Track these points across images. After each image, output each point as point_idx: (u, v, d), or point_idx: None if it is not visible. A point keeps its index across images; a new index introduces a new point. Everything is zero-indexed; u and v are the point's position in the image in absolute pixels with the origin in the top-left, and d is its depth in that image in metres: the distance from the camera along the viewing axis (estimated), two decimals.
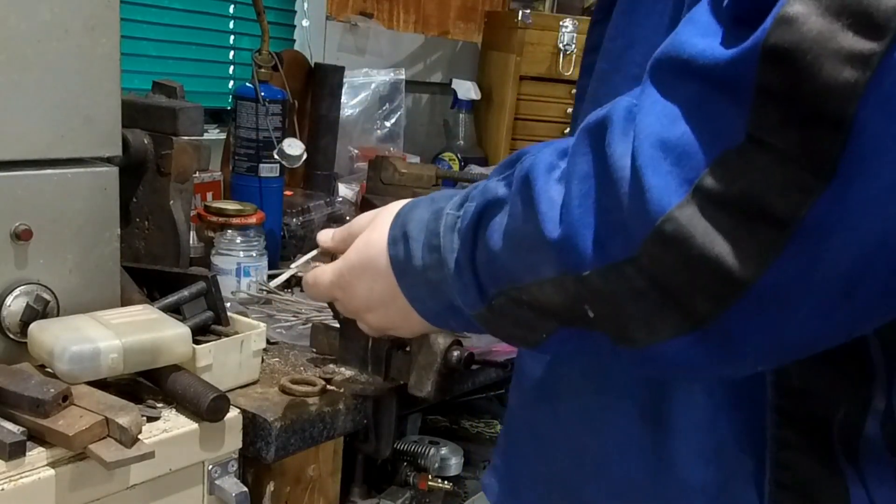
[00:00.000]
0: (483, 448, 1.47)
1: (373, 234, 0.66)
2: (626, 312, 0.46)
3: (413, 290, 0.62)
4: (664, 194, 0.41)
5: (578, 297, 0.48)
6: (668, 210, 0.41)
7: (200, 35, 1.70)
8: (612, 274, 0.45)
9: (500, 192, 0.55)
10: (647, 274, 0.43)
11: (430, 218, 0.60)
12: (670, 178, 0.41)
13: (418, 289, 0.61)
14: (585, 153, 0.47)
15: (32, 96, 0.82)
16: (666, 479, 0.59)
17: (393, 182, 1.57)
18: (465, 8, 2.29)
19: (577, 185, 0.47)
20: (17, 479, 0.70)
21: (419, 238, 0.60)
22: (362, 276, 0.67)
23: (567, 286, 0.48)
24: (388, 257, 0.63)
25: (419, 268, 0.60)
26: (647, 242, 0.42)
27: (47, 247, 0.85)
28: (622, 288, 0.45)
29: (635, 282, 0.44)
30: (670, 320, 0.44)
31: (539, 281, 0.50)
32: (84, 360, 0.77)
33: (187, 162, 1.06)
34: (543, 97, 2.00)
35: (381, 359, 0.93)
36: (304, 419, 0.90)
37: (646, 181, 0.42)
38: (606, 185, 0.45)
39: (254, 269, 1.24)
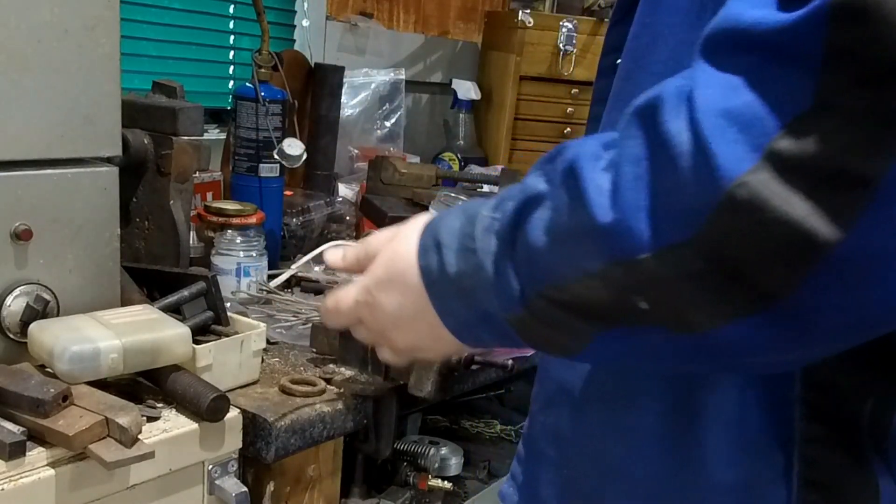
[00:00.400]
0: (483, 448, 1.47)
1: (400, 247, 0.64)
2: (684, 296, 0.44)
3: (445, 302, 0.59)
4: (733, 161, 0.40)
5: (628, 289, 0.47)
6: (740, 175, 0.40)
7: (200, 35, 1.70)
8: (672, 255, 0.44)
9: (540, 188, 0.53)
10: (712, 250, 0.42)
11: (464, 223, 0.58)
12: (738, 146, 0.40)
13: (450, 300, 0.59)
14: (636, 136, 0.46)
15: (32, 96, 0.82)
16: (692, 478, 0.58)
17: (393, 182, 1.57)
18: (465, 8, 2.29)
19: (629, 168, 0.46)
20: (17, 479, 0.70)
21: (452, 245, 0.58)
22: (390, 291, 0.64)
23: (616, 278, 0.47)
24: (418, 269, 0.60)
25: (453, 275, 0.58)
26: (714, 214, 0.41)
27: (47, 247, 0.85)
28: (682, 269, 0.43)
29: (697, 261, 0.43)
30: (736, 299, 0.43)
31: (584, 276, 0.49)
32: (84, 360, 0.77)
33: (187, 162, 1.06)
34: (543, 97, 2.00)
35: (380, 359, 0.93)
36: (304, 419, 0.90)
37: (712, 150, 0.40)
38: (663, 163, 0.44)
39: (254, 269, 1.24)
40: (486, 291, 0.55)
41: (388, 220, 1.45)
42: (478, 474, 1.41)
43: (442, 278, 0.59)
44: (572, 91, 1.99)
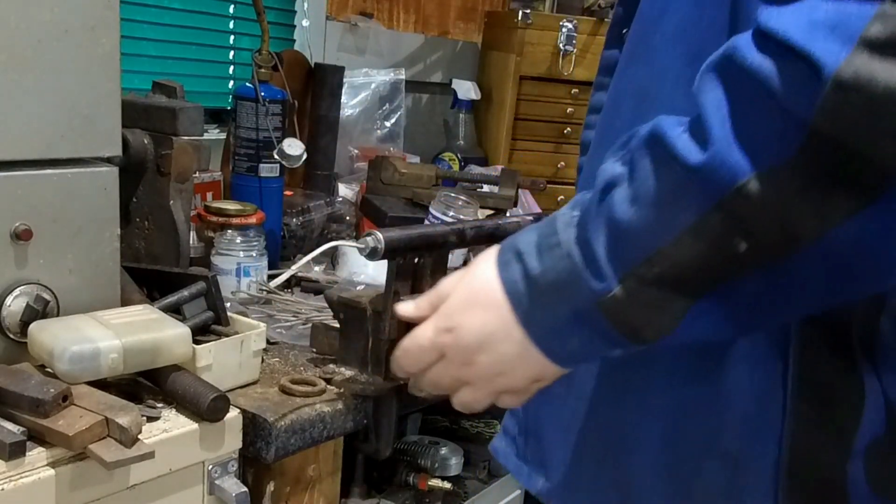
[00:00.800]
0: (483, 448, 1.47)
1: (476, 273, 0.63)
2: (791, 209, 0.47)
3: (530, 312, 0.59)
4: (831, 54, 0.43)
5: (726, 233, 0.49)
6: (840, 62, 0.42)
7: (200, 35, 1.69)
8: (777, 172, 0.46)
9: (617, 170, 0.55)
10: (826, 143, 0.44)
11: (542, 229, 0.59)
12: (830, 42, 0.43)
13: (536, 308, 0.58)
14: (713, 87, 0.49)
15: (32, 96, 0.82)
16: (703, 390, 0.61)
17: (393, 182, 1.57)
18: (465, 8, 2.29)
19: (713, 114, 0.48)
20: (17, 479, 0.70)
21: (532, 251, 0.59)
22: (473, 311, 0.62)
23: (712, 226, 0.49)
24: (500, 283, 0.60)
25: (537, 276, 0.58)
26: (822, 105, 0.43)
27: (47, 247, 0.85)
28: (787, 183, 0.46)
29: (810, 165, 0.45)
30: (853, 189, 0.45)
31: (679, 236, 0.50)
32: (84, 360, 0.77)
33: (187, 162, 1.06)
34: (543, 97, 2.00)
35: (381, 359, 0.93)
36: (304, 419, 0.90)
37: (808, 51, 0.43)
38: (750, 92, 0.47)
39: (254, 269, 1.24)
40: (574, 282, 0.55)
41: (388, 220, 1.45)
42: (478, 474, 1.41)
43: (526, 284, 0.58)
44: (572, 91, 1.99)
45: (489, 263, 0.62)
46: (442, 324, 0.64)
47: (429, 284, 0.95)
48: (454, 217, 1.38)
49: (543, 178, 1.69)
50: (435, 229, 0.94)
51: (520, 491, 1.52)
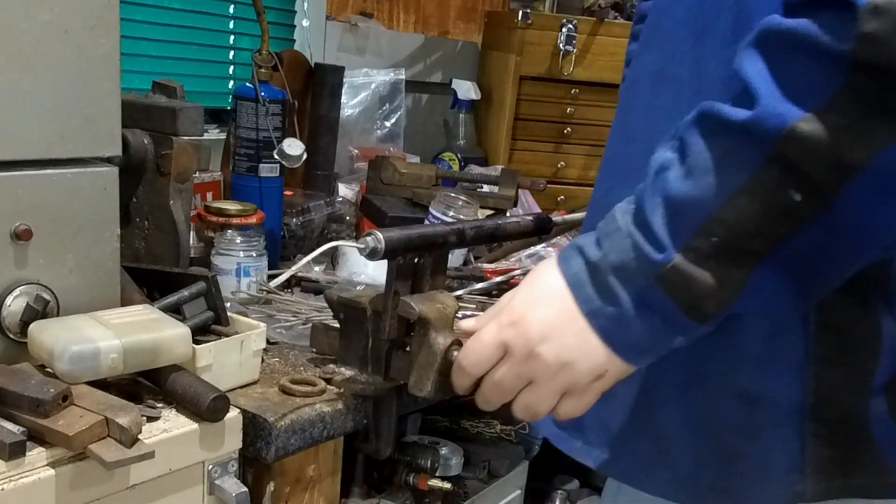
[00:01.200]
0: (483, 448, 1.47)
1: (535, 275, 0.65)
2: (840, 140, 0.50)
3: (592, 298, 0.60)
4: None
5: (780, 184, 0.51)
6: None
7: (200, 35, 1.69)
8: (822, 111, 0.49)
9: (668, 155, 0.57)
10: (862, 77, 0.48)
11: (601, 225, 0.61)
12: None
13: (597, 292, 0.59)
14: (752, 58, 0.53)
15: (32, 96, 0.82)
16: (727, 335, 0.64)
17: (393, 182, 1.57)
18: (465, 8, 2.29)
19: (756, 77, 0.52)
20: (17, 479, 0.70)
21: (591, 242, 0.61)
22: (536, 304, 0.63)
23: (765, 180, 0.52)
24: (560, 275, 0.62)
25: (597, 260, 0.59)
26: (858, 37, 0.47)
27: (47, 247, 0.85)
28: (835, 117, 0.49)
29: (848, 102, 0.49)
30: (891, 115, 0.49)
31: (732, 198, 0.52)
32: (84, 360, 0.77)
33: (187, 162, 1.06)
34: (543, 97, 2.00)
35: (380, 359, 0.93)
36: (304, 419, 0.90)
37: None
38: (789, 47, 0.51)
39: (254, 269, 1.24)
40: (634, 259, 0.57)
41: (388, 220, 1.45)
42: (478, 474, 1.41)
43: (588, 272, 0.60)
44: (572, 91, 1.99)
45: (549, 264, 0.64)
46: (505, 319, 0.65)
47: (429, 284, 0.95)
48: (454, 217, 1.38)
49: (543, 178, 1.69)
50: (435, 229, 0.94)
51: (519, 491, 1.52)
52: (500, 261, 1.54)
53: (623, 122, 0.77)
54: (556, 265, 0.63)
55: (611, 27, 1.97)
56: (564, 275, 0.62)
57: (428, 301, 0.91)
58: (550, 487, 1.72)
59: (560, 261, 0.63)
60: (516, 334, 0.64)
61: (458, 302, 1.04)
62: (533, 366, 0.63)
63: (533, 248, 1.56)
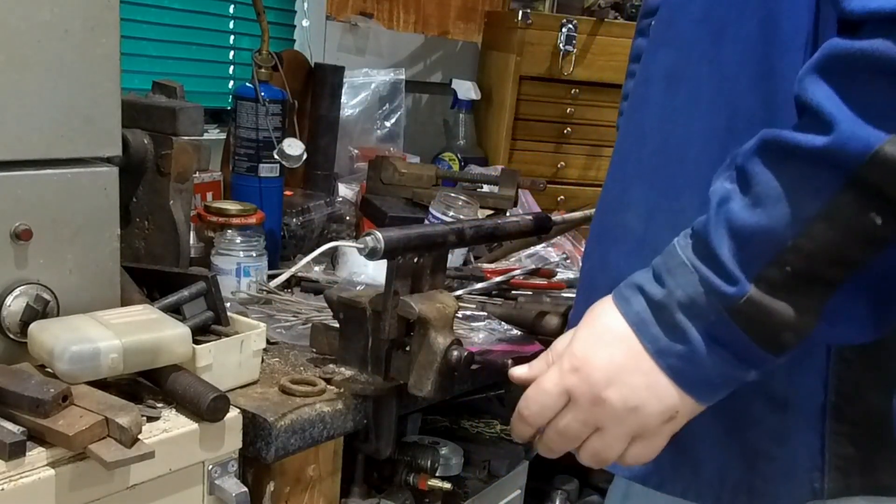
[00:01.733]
0: (483, 448, 1.47)
1: (592, 317, 0.63)
2: None
3: (659, 338, 0.58)
4: None
5: (861, 209, 0.50)
6: None
7: (200, 35, 1.69)
8: None
9: (727, 187, 0.56)
10: None
11: (657, 262, 0.60)
12: None
13: (664, 331, 0.58)
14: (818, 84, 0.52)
15: (32, 96, 0.82)
16: None
17: (393, 182, 1.57)
18: (465, 8, 2.29)
19: (828, 102, 0.51)
20: (17, 479, 0.70)
21: (651, 280, 0.59)
22: (597, 347, 0.61)
23: (844, 205, 0.50)
24: (622, 317, 0.60)
25: (661, 299, 0.58)
26: None
27: (47, 247, 0.85)
28: None
29: None
30: None
31: (808, 225, 0.51)
32: (84, 360, 0.77)
33: (187, 162, 1.06)
34: (543, 97, 2.00)
35: (380, 359, 0.93)
36: (304, 419, 0.90)
37: None
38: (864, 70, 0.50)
39: (254, 269, 1.24)
40: (703, 294, 0.55)
41: (388, 220, 1.45)
42: (478, 474, 1.41)
43: (652, 311, 0.58)
44: (572, 91, 1.99)
45: (606, 305, 0.62)
46: (566, 365, 0.63)
47: (428, 284, 0.95)
48: (454, 217, 1.38)
49: (543, 178, 1.69)
50: (434, 229, 0.94)
51: (520, 491, 1.52)
52: (500, 261, 1.54)
53: (634, 121, 0.75)
54: (613, 306, 0.61)
55: (611, 27, 1.97)
56: (625, 315, 0.60)
57: (428, 301, 0.91)
58: (550, 487, 1.72)
59: (618, 301, 0.61)
60: (580, 380, 0.61)
61: (458, 302, 1.04)
62: (600, 412, 0.61)
63: (533, 247, 1.56)
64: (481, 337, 1.16)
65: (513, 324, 1.22)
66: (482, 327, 1.20)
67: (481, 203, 1.49)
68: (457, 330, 0.96)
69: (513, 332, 1.21)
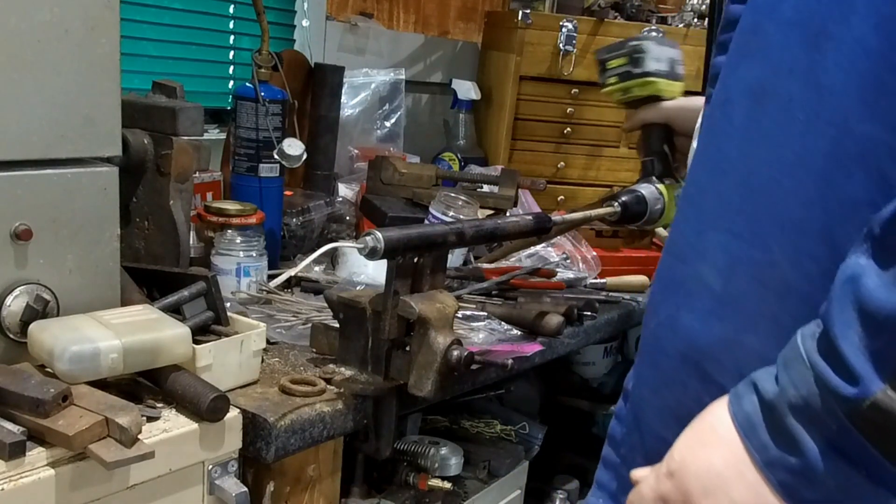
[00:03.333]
0: (483, 448, 1.47)
1: (704, 412, 0.56)
2: None
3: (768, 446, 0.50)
4: None
5: None
6: None
7: (200, 35, 1.69)
8: None
9: (861, 262, 0.47)
10: None
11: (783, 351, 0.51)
12: None
13: (773, 437, 0.49)
14: None
15: (32, 96, 0.82)
16: None
17: (393, 182, 1.57)
18: (465, 8, 2.29)
19: None
20: (17, 479, 0.70)
21: (767, 375, 0.51)
22: (697, 450, 0.54)
23: None
24: (730, 417, 0.52)
25: (773, 398, 0.49)
26: None
27: (47, 247, 0.85)
28: None
29: None
30: None
31: None
32: (84, 360, 0.77)
33: (187, 162, 1.06)
34: (543, 97, 2.00)
35: (381, 359, 0.93)
36: (304, 419, 0.90)
37: None
38: None
39: (254, 269, 1.24)
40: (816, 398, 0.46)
41: (388, 220, 1.45)
42: (478, 474, 1.41)
43: (763, 413, 0.50)
44: (572, 91, 1.99)
45: (720, 402, 0.55)
46: (664, 468, 0.57)
47: (428, 284, 0.95)
48: (454, 217, 1.38)
49: (543, 178, 1.69)
50: (434, 229, 0.94)
51: (519, 491, 1.52)
52: (500, 261, 1.54)
53: (711, 150, 0.64)
54: (725, 402, 0.53)
55: (611, 27, 1.97)
56: (734, 415, 0.52)
57: (428, 301, 0.91)
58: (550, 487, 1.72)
59: (731, 397, 0.53)
60: (674, 487, 0.55)
61: (458, 302, 1.04)
62: None
63: (533, 248, 1.56)
64: (481, 337, 1.17)
65: (513, 324, 1.22)
66: (482, 327, 1.20)
67: (481, 203, 1.49)
68: (457, 330, 0.96)
69: (513, 332, 1.21)
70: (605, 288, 1.56)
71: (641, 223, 1.25)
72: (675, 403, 0.64)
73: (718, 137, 0.63)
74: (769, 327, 0.57)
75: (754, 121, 0.59)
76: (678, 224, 0.67)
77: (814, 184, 0.55)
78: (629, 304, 1.51)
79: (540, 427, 1.62)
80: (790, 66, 0.56)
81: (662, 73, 1.29)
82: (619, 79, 1.31)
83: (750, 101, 0.60)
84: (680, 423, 0.57)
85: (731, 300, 0.59)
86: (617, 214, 1.21)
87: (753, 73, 0.60)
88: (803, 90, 0.55)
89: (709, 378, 0.61)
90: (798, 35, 0.56)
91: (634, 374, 0.73)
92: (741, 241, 0.59)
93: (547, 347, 1.21)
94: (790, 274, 0.54)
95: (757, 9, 0.60)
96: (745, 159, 0.60)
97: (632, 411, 0.72)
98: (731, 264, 0.60)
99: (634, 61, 1.28)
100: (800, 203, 0.55)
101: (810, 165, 0.55)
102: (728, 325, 0.58)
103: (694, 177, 0.67)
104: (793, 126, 0.56)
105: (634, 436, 0.70)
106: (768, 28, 0.58)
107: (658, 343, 0.67)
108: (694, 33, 1.97)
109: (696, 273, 0.63)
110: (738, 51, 0.62)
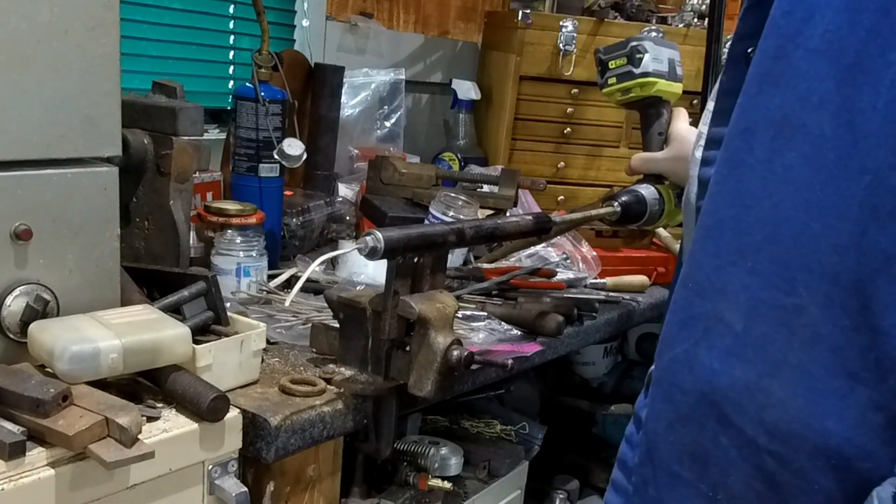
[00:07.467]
0: (483, 448, 1.47)
1: None
2: None
3: None
4: None
5: None
6: None
7: (200, 35, 1.69)
8: None
9: None
10: None
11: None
12: None
13: None
14: None
15: (32, 96, 0.82)
16: None
17: (393, 182, 1.57)
18: (465, 8, 2.29)
19: None
20: (17, 479, 0.70)
21: None
22: None
23: None
24: None
25: None
26: None
27: (47, 247, 0.85)
28: None
29: None
30: None
31: None
32: (84, 360, 0.77)
33: (187, 162, 1.06)
34: (543, 97, 2.00)
35: (381, 359, 0.93)
36: (304, 419, 0.90)
37: None
38: None
39: (254, 269, 1.24)
40: None
41: (388, 220, 1.45)
42: (478, 474, 1.42)
43: None
44: (572, 91, 1.99)
45: None
46: None
47: (428, 284, 0.95)
48: (454, 217, 1.38)
49: (543, 178, 1.69)
50: (434, 229, 0.94)
51: (519, 491, 1.52)
52: (500, 261, 1.54)
53: (732, 182, 0.59)
54: None
55: (611, 27, 1.97)
56: None
57: (428, 301, 0.91)
58: (550, 487, 1.72)
59: None
60: None
61: (458, 302, 1.04)
62: None
63: (533, 248, 1.56)
64: (481, 337, 1.17)
65: (513, 324, 1.22)
66: (482, 327, 1.20)
67: (481, 203, 1.49)
68: (457, 330, 0.96)
69: (513, 332, 1.21)
70: (605, 288, 1.56)
71: (641, 223, 1.25)
72: (691, 441, 0.61)
73: (739, 169, 0.58)
74: (794, 375, 0.53)
75: (778, 153, 0.55)
76: (695, 255, 0.63)
77: (847, 231, 0.51)
78: (629, 304, 1.51)
79: (540, 427, 1.62)
80: (820, 99, 0.52)
81: (662, 73, 1.29)
82: (618, 79, 1.32)
83: (773, 134, 0.56)
84: (695, 461, 0.54)
85: (752, 342, 0.56)
86: (617, 214, 1.21)
87: (776, 100, 0.56)
88: (835, 128, 0.51)
89: (727, 420, 0.57)
90: (827, 66, 0.52)
91: (649, 404, 0.69)
92: (764, 282, 0.55)
93: (547, 347, 1.21)
94: (820, 322, 0.51)
95: (779, 33, 0.56)
96: (769, 196, 0.56)
97: (645, 444, 0.68)
98: (753, 306, 0.56)
99: (634, 62, 1.28)
100: (832, 249, 0.51)
101: (843, 212, 0.51)
102: (749, 368, 0.54)
103: (711, 207, 0.62)
104: (822, 165, 0.52)
105: (647, 469, 0.67)
106: (793, 54, 0.54)
107: (674, 377, 0.63)
108: (694, 33, 1.97)
109: (716, 310, 0.59)
110: (758, 76, 0.58)
